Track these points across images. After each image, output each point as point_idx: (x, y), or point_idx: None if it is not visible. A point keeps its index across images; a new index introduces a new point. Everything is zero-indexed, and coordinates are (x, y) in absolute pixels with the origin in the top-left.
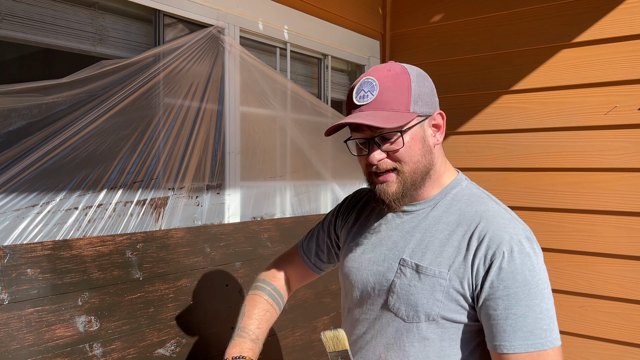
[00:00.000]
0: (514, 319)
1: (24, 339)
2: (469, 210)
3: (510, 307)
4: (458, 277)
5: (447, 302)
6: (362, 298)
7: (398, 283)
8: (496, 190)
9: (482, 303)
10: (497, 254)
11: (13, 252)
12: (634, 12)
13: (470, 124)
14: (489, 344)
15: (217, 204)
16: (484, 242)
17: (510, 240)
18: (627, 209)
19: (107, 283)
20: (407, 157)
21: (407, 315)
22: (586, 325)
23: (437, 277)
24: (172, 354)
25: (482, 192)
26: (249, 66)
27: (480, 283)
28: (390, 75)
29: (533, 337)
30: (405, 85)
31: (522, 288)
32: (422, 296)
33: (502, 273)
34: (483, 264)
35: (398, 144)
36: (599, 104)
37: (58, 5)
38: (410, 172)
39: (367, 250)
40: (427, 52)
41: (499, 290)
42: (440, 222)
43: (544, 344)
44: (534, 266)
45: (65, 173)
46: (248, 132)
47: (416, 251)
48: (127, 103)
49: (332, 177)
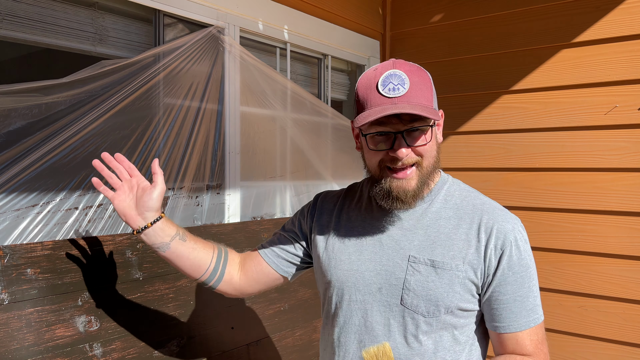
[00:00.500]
0: (520, 301)
1: (24, 339)
2: (465, 204)
3: (516, 290)
4: (472, 268)
5: (464, 293)
6: (366, 301)
7: (413, 280)
8: (496, 190)
9: (492, 290)
10: (505, 244)
11: (13, 252)
12: (634, 12)
13: (470, 124)
14: (491, 325)
15: (217, 204)
16: (492, 234)
17: (513, 230)
18: (627, 209)
19: (107, 283)
20: (429, 152)
21: (428, 311)
22: (586, 325)
23: (454, 270)
24: (172, 354)
25: (469, 187)
26: (249, 66)
27: (493, 272)
28: (414, 69)
29: (533, 314)
30: (428, 81)
31: (525, 272)
32: (443, 290)
33: (511, 261)
34: (494, 254)
35: (426, 138)
36: (599, 104)
37: (58, 5)
38: (427, 167)
39: (364, 251)
40: (427, 52)
41: (509, 277)
42: (441, 217)
43: (538, 319)
44: (529, 251)
45: (65, 173)
46: (248, 132)
47: (424, 247)
48: (127, 103)
49: (332, 177)
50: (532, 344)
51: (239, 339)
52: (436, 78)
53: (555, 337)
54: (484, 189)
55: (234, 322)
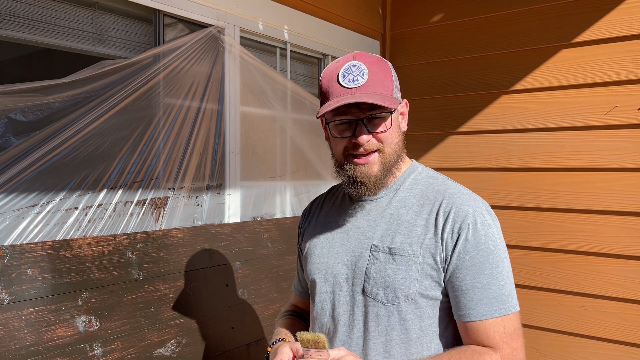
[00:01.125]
0: (480, 287)
1: (24, 338)
2: (430, 190)
3: (476, 276)
4: (430, 253)
5: (423, 280)
6: (335, 292)
7: (372, 269)
8: (496, 190)
9: (450, 275)
10: (462, 226)
11: (13, 252)
12: (634, 12)
13: (470, 124)
14: (455, 314)
15: (217, 204)
16: (450, 217)
17: (473, 213)
18: (627, 209)
19: (107, 283)
20: (390, 139)
21: (387, 299)
22: (586, 325)
23: (410, 256)
24: (172, 354)
25: (439, 174)
26: (249, 66)
27: (450, 255)
28: (374, 60)
29: (497, 303)
30: (388, 71)
31: (486, 257)
32: (399, 276)
33: (468, 244)
34: (451, 238)
35: (386, 125)
36: (599, 104)
37: (58, 5)
38: (389, 154)
39: (335, 244)
40: (427, 52)
41: (466, 261)
42: (405, 205)
43: (507, 309)
44: (495, 236)
45: (65, 173)
46: (248, 132)
47: (386, 236)
48: (127, 103)
49: (332, 177)
50: (497, 335)
51: (239, 339)
52: (436, 78)
53: (555, 337)
54: (484, 189)
55: (234, 322)
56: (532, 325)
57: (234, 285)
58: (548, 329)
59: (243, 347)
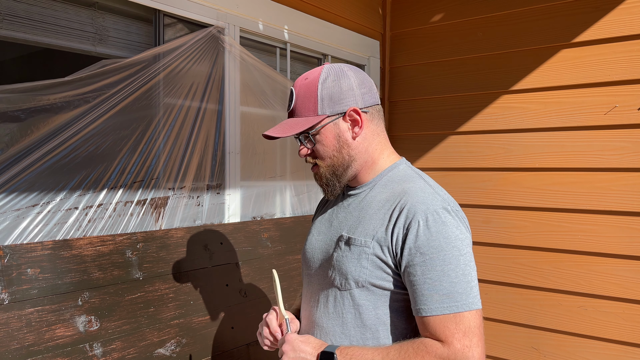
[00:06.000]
0: (430, 283)
1: (24, 338)
2: (397, 187)
3: (426, 272)
4: (380, 245)
5: (373, 269)
6: (311, 276)
7: (335, 256)
8: (496, 190)
9: (404, 270)
10: (412, 223)
11: (13, 252)
12: (634, 12)
13: (470, 124)
14: (412, 309)
15: (217, 204)
16: (402, 213)
17: (426, 210)
18: (627, 209)
19: (107, 283)
20: (322, 154)
21: (341, 283)
22: (586, 325)
23: (362, 246)
24: (172, 354)
25: (415, 173)
26: (249, 66)
27: (400, 251)
28: (305, 83)
29: (449, 300)
30: (312, 91)
31: (437, 254)
32: (351, 264)
33: (418, 240)
34: (402, 233)
35: (310, 143)
36: (599, 104)
37: (58, 5)
38: (327, 166)
39: (320, 232)
40: (427, 52)
41: (416, 257)
42: (375, 200)
43: (459, 307)
44: (449, 234)
45: (65, 173)
46: (248, 132)
47: (352, 227)
48: (127, 103)
49: None
50: (448, 331)
51: (239, 339)
52: (436, 78)
53: (555, 336)
54: (484, 189)
55: (234, 322)
56: (532, 325)
57: (234, 285)
58: (548, 328)
59: (243, 347)
